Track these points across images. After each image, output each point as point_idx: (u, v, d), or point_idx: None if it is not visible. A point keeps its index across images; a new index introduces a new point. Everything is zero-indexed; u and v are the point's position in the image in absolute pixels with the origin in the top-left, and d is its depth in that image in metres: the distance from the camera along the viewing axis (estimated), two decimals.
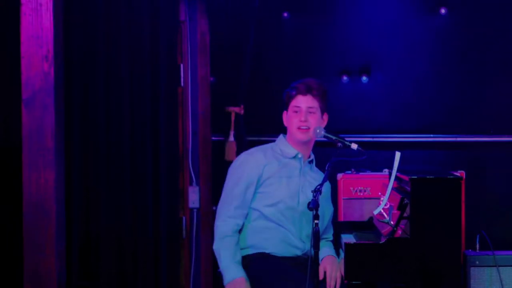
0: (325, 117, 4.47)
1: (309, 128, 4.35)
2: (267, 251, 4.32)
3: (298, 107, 4.36)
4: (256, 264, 4.27)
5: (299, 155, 4.42)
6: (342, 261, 4.17)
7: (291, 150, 4.42)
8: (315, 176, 4.50)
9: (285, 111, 4.45)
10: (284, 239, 4.33)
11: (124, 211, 5.37)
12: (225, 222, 4.32)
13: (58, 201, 4.85)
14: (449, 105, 5.82)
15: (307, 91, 4.36)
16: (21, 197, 4.85)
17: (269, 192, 4.33)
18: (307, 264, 4.08)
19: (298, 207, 4.35)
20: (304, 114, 4.35)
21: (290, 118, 4.39)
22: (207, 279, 5.65)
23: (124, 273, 5.38)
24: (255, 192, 4.35)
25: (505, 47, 5.80)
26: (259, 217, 4.35)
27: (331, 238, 4.59)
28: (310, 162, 4.51)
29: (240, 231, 4.36)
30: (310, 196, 4.31)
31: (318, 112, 4.39)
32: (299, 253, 4.37)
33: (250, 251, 4.34)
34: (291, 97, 4.38)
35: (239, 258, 4.29)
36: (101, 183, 5.32)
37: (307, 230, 4.36)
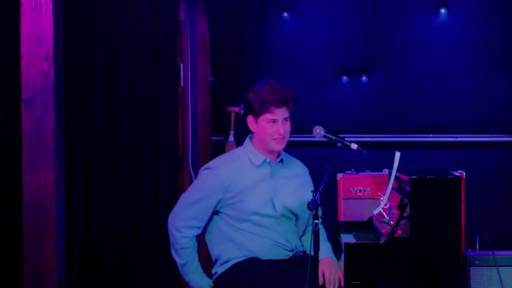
0: None
1: (284, 138, 4.25)
2: (258, 256, 4.27)
3: (275, 119, 4.20)
4: (249, 268, 4.20)
5: (267, 160, 4.29)
6: (342, 264, 4.16)
7: (259, 158, 4.28)
8: (289, 173, 4.38)
9: (251, 116, 4.25)
10: (270, 247, 4.27)
11: (124, 211, 5.37)
12: (182, 233, 4.26)
13: (58, 201, 4.85)
14: (448, 104, 5.83)
15: (283, 103, 4.19)
16: (21, 197, 4.85)
17: (243, 206, 4.21)
18: (301, 263, 4.07)
19: (275, 213, 4.26)
20: (282, 126, 4.20)
21: (264, 129, 4.21)
22: None
23: (124, 273, 5.39)
24: (228, 206, 4.23)
25: (504, 47, 5.80)
26: (241, 231, 4.27)
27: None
28: (280, 161, 4.36)
29: (222, 244, 4.31)
30: (284, 198, 4.27)
31: (289, 119, 4.28)
32: (290, 253, 4.32)
33: (240, 259, 4.25)
34: (265, 110, 4.18)
35: (202, 271, 4.34)
36: (101, 183, 5.32)
37: (289, 229, 4.31)
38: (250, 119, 4.28)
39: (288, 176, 4.36)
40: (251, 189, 4.24)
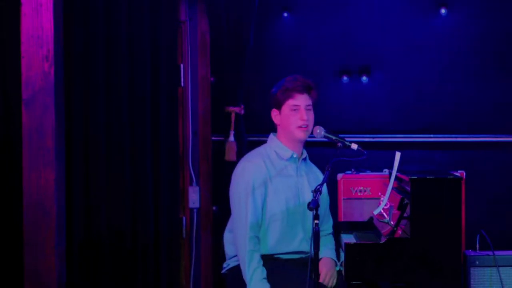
0: None
1: (308, 126, 4.33)
2: (273, 253, 4.31)
3: (297, 105, 4.30)
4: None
5: (294, 155, 4.39)
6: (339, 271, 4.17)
7: (287, 152, 4.37)
8: (311, 172, 4.49)
9: (275, 110, 4.37)
10: (292, 246, 4.31)
11: (124, 211, 5.37)
12: (246, 242, 4.21)
13: (58, 201, 4.85)
14: (449, 105, 5.82)
15: (305, 89, 4.32)
16: (21, 197, 4.85)
17: (275, 198, 4.29)
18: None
19: (301, 208, 4.33)
20: (305, 113, 4.31)
21: (287, 117, 4.32)
22: (207, 279, 5.66)
23: (124, 273, 5.39)
24: (264, 200, 4.28)
25: (504, 47, 5.80)
26: (268, 226, 4.31)
27: (331, 231, 4.56)
28: (304, 159, 4.47)
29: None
30: (310, 195, 4.32)
31: (312, 109, 4.37)
32: (304, 255, 4.34)
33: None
34: (288, 96, 4.30)
35: (265, 274, 4.22)
36: (101, 183, 5.32)
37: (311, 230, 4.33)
38: (274, 113, 4.39)
39: (311, 175, 4.45)
40: (282, 182, 4.31)
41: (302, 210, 4.31)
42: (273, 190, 4.28)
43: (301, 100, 4.31)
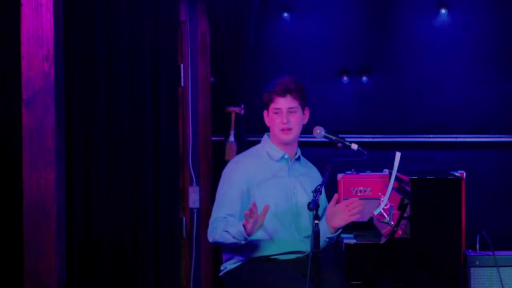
0: (307, 112, 4.39)
1: (291, 129, 4.30)
2: (268, 255, 4.29)
3: (279, 109, 4.30)
4: (259, 267, 4.24)
5: (286, 156, 4.37)
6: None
7: (278, 152, 4.36)
8: (306, 171, 4.46)
9: (265, 111, 4.39)
10: (286, 246, 4.30)
11: (124, 211, 5.37)
12: (217, 222, 4.24)
13: (58, 201, 4.86)
14: (449, 105, 5.83)
15: (285, 92, 4.29)
16: (21, 197, 4.85)
17: (263, 201, 4.22)
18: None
19: (293, 209, 4.32)
20: (286, 115, 4.28)
21: (272, 120, 4.32)
22: (207, 279, 5.66)
23: (124, 273, 5.39)
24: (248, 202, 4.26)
25: (504, 47, 5.80)
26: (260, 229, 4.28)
27: None
28: (297, 159, 4.45)
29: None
30: (303, 195, 4.31)
31: (299, 111, 4.33)
32: (301, 255, 4.33)
33: (253, 256, 4.28)
34: (270, 100, 4.31)
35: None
36: (101, 183, 5.32)
37: (306, 230, 4.33)
38: (264, 114, 4.41)
39: (305, 174, 4.43)
40: (272, 182, 4.30)
41: (295, 212, 4.30)
42: (261, 192, 4.25)
43: (282, 103, 4.29)
